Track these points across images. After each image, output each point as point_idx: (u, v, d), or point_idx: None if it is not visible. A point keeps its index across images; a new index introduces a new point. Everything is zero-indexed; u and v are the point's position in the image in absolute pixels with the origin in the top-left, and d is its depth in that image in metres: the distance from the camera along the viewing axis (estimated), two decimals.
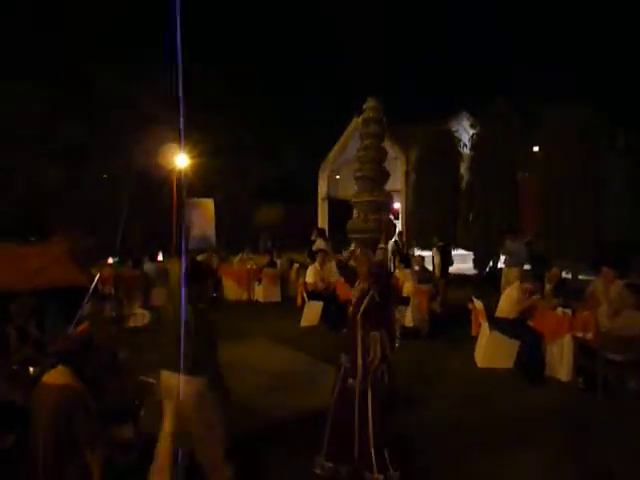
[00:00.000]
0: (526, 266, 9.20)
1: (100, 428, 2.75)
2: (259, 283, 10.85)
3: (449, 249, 10.55)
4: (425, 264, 9.16)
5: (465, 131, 15.54)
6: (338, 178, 20.17)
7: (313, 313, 8.50)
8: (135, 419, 3.60)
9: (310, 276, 8.82)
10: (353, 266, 3.96)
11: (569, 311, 5.80)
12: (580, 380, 5.42)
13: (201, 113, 16.73)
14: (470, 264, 13.25)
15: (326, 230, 14.05)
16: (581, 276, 10.47)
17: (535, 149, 13.24)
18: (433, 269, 9.99)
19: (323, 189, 20.23)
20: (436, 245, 10.50)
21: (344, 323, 4.03)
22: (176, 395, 3.19)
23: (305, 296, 8.76)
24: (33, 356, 4.18)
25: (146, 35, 18.75)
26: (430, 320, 7.69)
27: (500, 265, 11.31)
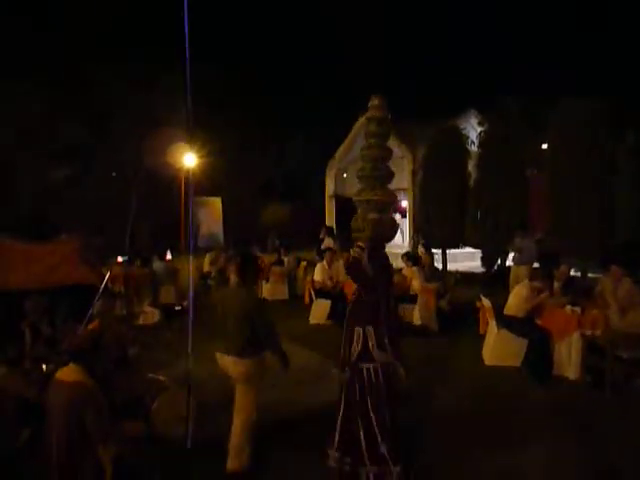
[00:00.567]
0: (535, 264, 9.14)
1: (111, 424, 2.79)
2: (266, 281, 10.88)
3: (430, 247, 10.39)
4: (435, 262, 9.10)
5: (473, 129, 15.43)
6: (345, 176, 20.14)
7: (321, 311, 8.54)
8: (146, 416, 3.65)
9: (318, 274, 8.86)
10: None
11: (578, 309, 5.77)
12: (588, 378, 5.41)
13: (204, 113, 16.76)
14: (478, 262, 13.20)
15: (334, 228, 14.06)
16: (590, 274, 10.40)
17: (544, 146, 13.12)
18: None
19: (330, 187, 20.19)
20: (420, 243, 10.40)
21: None
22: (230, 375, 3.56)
23: (313, 294, 8.80)
24: (45, 354, 4.26)
25: (146, 35, 18.88)
26: (438, 318, 7.72)
27: (508, 263, 11.24)
